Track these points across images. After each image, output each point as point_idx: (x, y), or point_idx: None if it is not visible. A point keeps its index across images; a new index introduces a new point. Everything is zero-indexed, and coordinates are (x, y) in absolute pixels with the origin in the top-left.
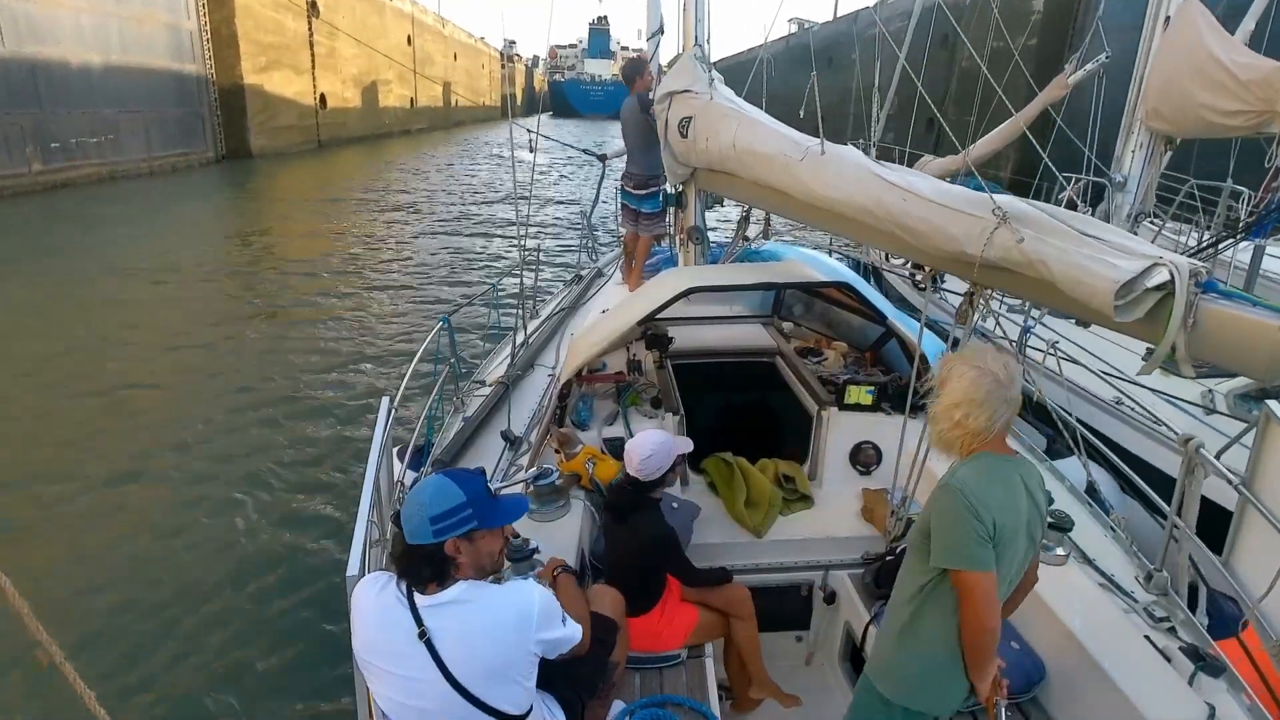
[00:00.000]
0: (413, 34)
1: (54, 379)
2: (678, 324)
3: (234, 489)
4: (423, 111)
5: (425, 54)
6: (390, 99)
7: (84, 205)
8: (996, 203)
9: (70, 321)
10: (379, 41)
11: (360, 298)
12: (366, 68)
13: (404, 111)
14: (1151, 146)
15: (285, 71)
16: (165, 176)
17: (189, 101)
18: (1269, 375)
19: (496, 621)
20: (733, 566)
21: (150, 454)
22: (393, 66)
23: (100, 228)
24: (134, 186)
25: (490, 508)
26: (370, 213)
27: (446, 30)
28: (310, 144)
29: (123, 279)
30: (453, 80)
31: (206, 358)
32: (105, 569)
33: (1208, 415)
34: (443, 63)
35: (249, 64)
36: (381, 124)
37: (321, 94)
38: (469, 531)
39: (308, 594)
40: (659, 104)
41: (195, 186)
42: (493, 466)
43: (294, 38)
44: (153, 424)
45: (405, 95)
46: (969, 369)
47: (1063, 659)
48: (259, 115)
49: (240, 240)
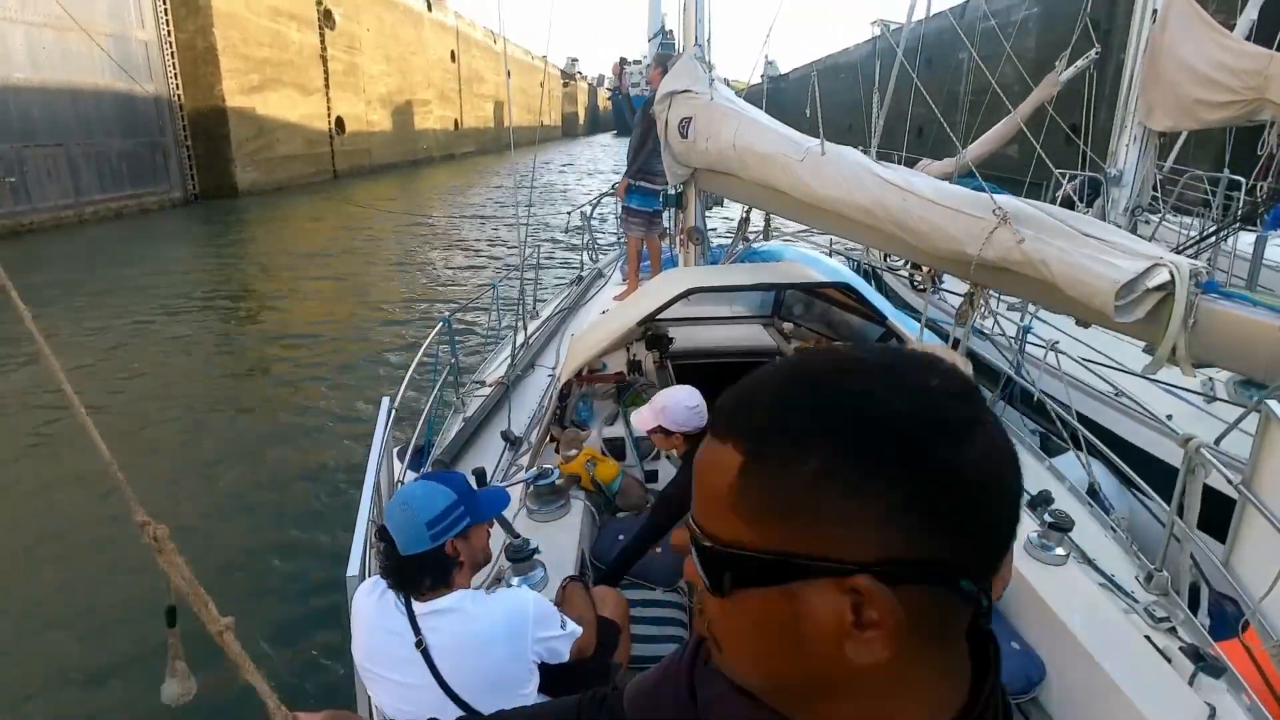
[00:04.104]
0: (458, 50)
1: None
2: (678, 324)
3: (233, 489)
4: (469, 134)
5: (473, 71)
6: (429, 121)
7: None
8: (996, 203)
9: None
10: (415, 58)
11: (360, 298)
12: (398, 86)
13: (446, 134)
14: (1145, 140)
15: (287, 91)
16: (108, 225)
17: (142, 130)
18: (1269, 375)
19: (490, 634)
20: None
21: (150, 454)
22: (432, 85)
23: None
24: (48, 243)
25: (478, 501)
26: (372, 222)
27: (498, 46)
28: (324, 175)
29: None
30: (505, 100)
31: (207, 358)
32: (105, 569)
33: (1209, 403)
34: (494, 80)
35: (235, 83)
36: (417, 149)
37: (338, 117)
38: (465, 529)
39: (307, 594)
40: (659, 104)
41: (142, 237)
42: (493, 466)
43: (299, 52)
44: (152, 423)
45: (448, 116)
46: None
47: (1063, 659)
48: (249, 144)
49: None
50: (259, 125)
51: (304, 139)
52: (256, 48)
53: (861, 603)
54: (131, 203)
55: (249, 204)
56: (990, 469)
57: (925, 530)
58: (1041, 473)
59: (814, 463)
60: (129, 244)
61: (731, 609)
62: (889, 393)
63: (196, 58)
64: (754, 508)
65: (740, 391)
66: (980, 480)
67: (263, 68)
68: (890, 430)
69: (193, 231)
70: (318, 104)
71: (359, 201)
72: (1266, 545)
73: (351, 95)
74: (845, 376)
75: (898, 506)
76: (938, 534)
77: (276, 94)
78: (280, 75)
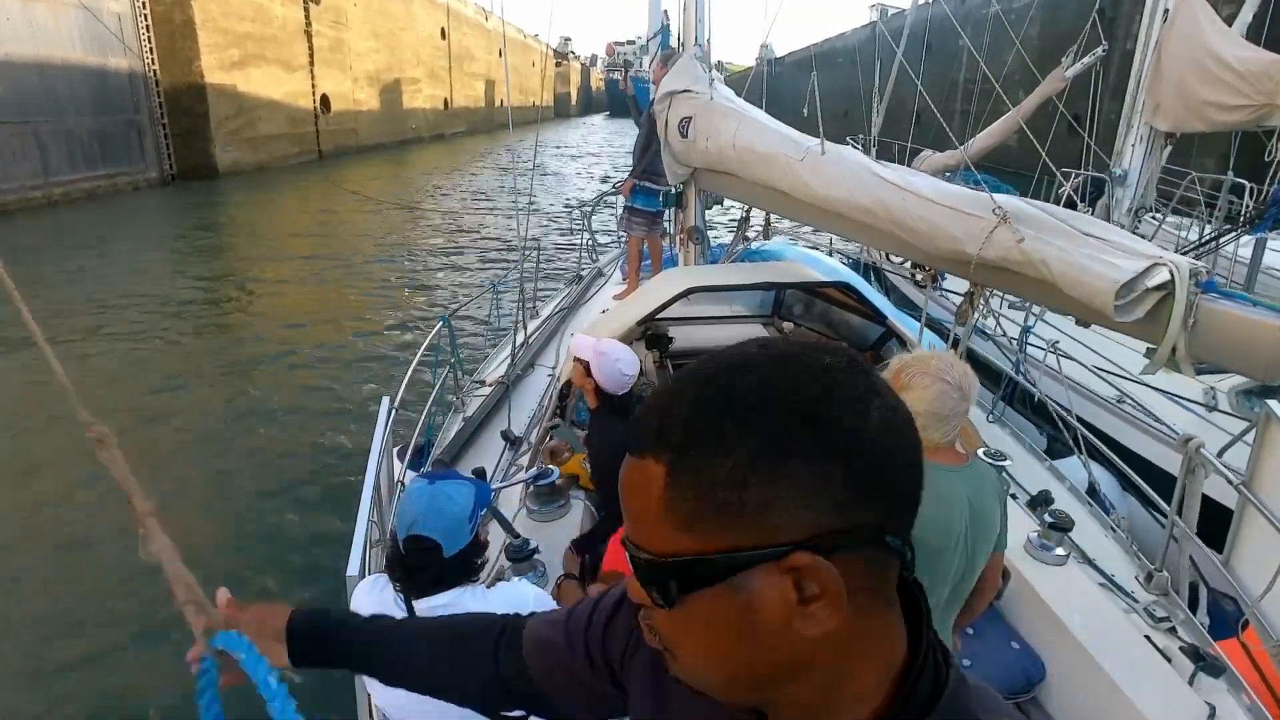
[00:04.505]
0: (448, 27)
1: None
2: (678, 324)
3: (233, 489)
4: (459, 113)
5: (463, 49)
6: (418, 100)
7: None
8: (996, 202)
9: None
10: (404, 34)
11: (359, 298)
12: (387, 64)
13: (436, 114)
14: (1151, 140)
15: (271, 68)
16: (79, 206)
17: (115, 107)
18: (1269, 375)
19: None
20: None
21: (148, 454)
22: (421, 63)
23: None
24: (12, 226)
25: (479, 489)
26: (365, 213)
27: (490, 24)
28: (308, 155)
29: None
30: (497, 79)
31: (206, 358)
32: (103, 569)
33: (1210, 412)
34: (485, 59)
35: (214, 58)
36: (406, 129)
37: (324, 95)
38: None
39: (307, 594)
40: (659, 104)
41: (119, 219)
42: (493, 466)
43: (283, 27)
44: (151, 424)
45: (438, 95)
46: (935, 381)
47: (1063, 659)
48: (229, 122)
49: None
50: (240, 103)
51: (287, 117)
52: (238, 21)
53: (802, 579)
54: (105, 183)
55: (229, 185)
56: (893, 429)
57: (847, 497)
58: (1042, 473)
59: (733, 459)
60: (100, 226)
61: (681, 616)
62: (787, 380)
63: (174, 31)
64: (686, 515)
65: (651, 409)
66: (887, 443)
67: (244, 43)
68: (795, 412)
69: (170, 213)
70: (302, 81)
71: (350, 187)
72: (1266, 545)
73: (338, 73)
74: (745, 373)
75: (818, 480)
76: (859, 499)
77: (259, 70)
78: (263, 51)
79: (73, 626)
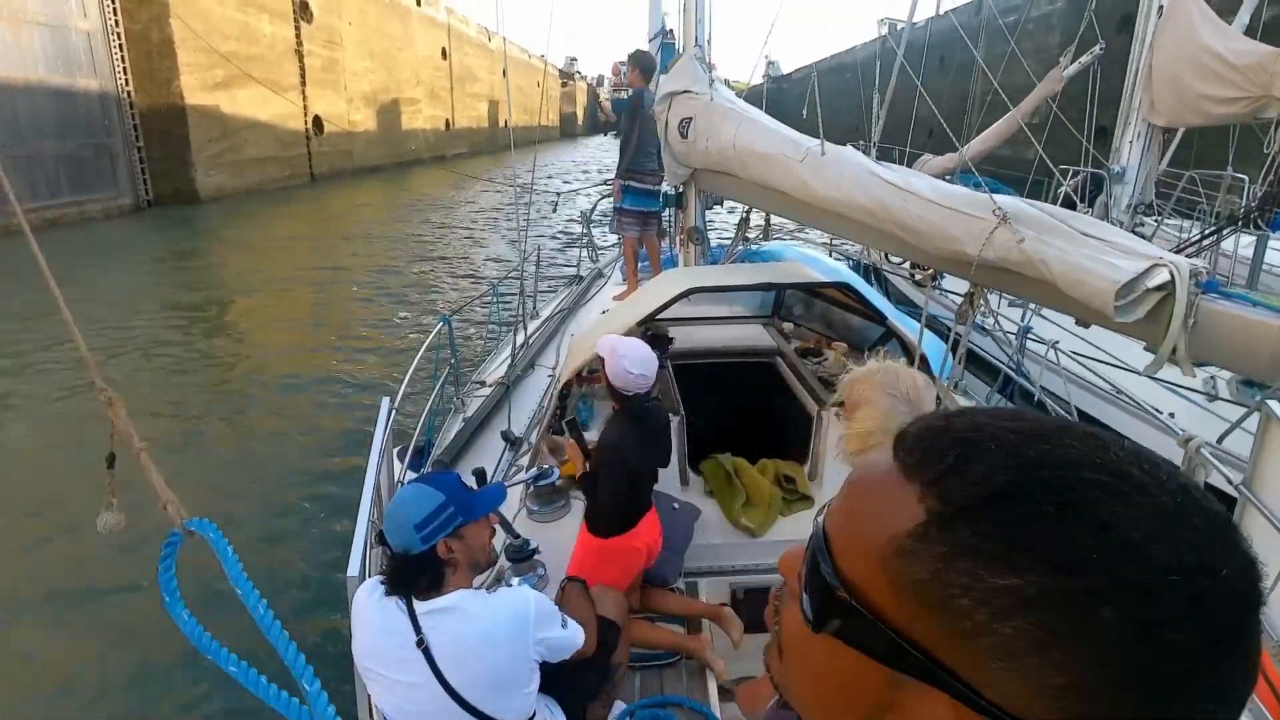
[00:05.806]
0: (449, 47)
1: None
2: (678, 324)
3: (233, 489)
4: (461, 134)
5: (465, 69)
6: (418, 120)
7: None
8: (996, 203)
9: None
10: (402, 54)
11: (359, 298)
12: (384, 84)
13: (437, 135)
14: (1149, 136)
15: (258, 88)
16: (39, 236)
17: (84, 130)
18: (1270, 375)
19: (493, 632)
20: (732, 567)
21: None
22: (421, 83)
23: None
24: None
25: (471, 499)
26: (359, 222)
27: (493, 44)
28: (299, 178)
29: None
30: (501, 99)
31: (206, 358)
32: (102, 569)
33: (1210, 402)
34: (488, 79)
35: (196, 78)
36: (405, 150)
37: (316, 116)
38: (456, 528)
39: (307, 595)
40: (659, 104)
41: (77, 250)
42: (493, 466)
43: (272, 46)
44: (151, 423)
45: (439, 116)
46: (883, 398)
47: None
48: (212, 145)
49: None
50: (224, 125)
51: (276, 140)
52: (221, 40)
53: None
54: (72, 210)
55: (211, 210)
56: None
57: (1128, 701)
58: None
59: (1018, 583)
60: (61, 255)
61: (817, 642)
62: (1159, 529)
63: (151, 50)
64: (911, 584)
65: (956, 431)
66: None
67: (228, 63)
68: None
69: (142, 241)
70: (293, 102)
71: (350, 202)
72: (1266, 545)
73: (331, 93)
74: (1115, 497)
75: (1112, 682)
76: (1139, 705)
77: (245, 91)
78: (250, 70)
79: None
